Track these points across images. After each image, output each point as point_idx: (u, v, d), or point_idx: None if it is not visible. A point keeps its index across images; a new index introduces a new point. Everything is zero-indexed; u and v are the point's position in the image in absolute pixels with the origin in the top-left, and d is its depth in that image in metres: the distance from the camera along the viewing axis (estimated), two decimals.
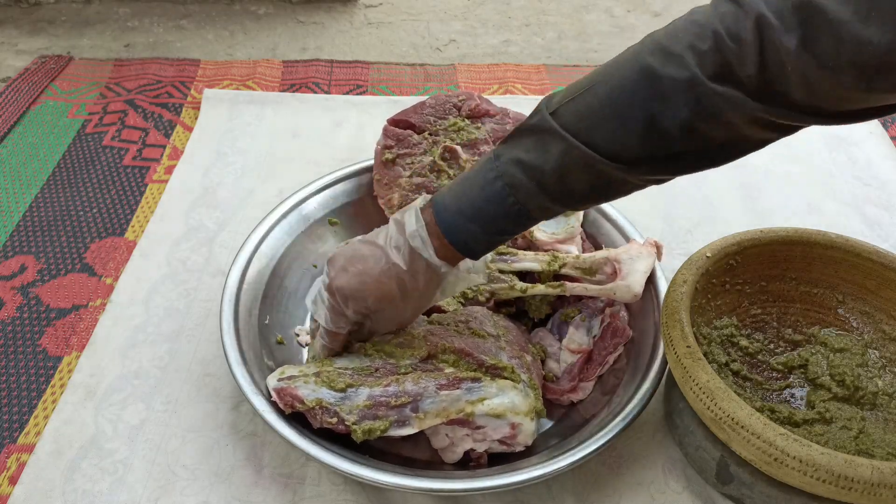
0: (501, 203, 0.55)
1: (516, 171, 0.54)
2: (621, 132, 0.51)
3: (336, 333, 0.63)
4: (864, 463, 0.51)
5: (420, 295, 0.61)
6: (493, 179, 0.54)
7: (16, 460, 0.65)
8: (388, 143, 0.81)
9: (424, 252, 0.57)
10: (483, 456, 0.63)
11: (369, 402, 0.59)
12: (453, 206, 0.56)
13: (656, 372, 0.65)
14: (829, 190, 0.99)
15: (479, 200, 0.55)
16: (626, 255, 0.72)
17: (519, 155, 0.54)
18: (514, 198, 0.54)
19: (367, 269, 0.59)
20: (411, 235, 0.57)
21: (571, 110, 0.52)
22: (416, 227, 0.57)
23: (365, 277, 0.59)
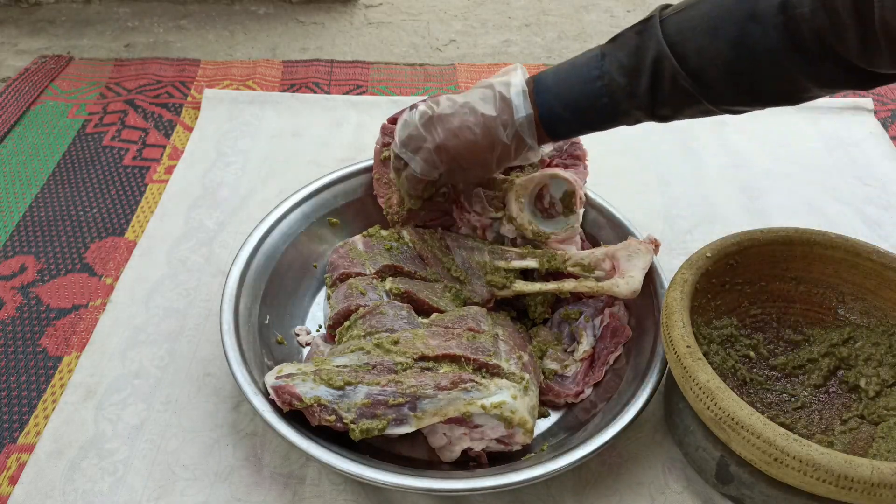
0: (597, 99, 0.62)
1: (616, 72, 0.60)
2: (711, 47, 0.56)
3: (420, 180, 0.70)
4: (864, 463, 0.51)
5: (507, 162, 0.69)
6: (594, 78, 0.62)
7: (16, 460, 0.65)
8: (386, 140, 0.81)
9: (528, 137, 0.65)
10: (483, 455, 0.63)
11: (367, 400, 0.59)
12: (553, 89, 0.64)
13: (656, 372, 0.65)
14: (829, 190, 0.99)
15: (578, 93, 0.63)
16: (625, 252, 0.72)
17: (621, 58, 0.60)
18: (608, 98, 0.62)
19: (476, 140, 0.66)
20: (519, 120, 0.65)
21: (676, 21, 0.58)
22: (526, 113, 0.64)
23: (471, 145, 0.66)
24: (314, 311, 0.78)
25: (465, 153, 0.67)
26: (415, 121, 0.68)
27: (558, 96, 0.63)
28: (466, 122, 0.66)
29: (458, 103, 0.67)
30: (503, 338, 0.67)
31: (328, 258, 0.78)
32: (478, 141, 0.66)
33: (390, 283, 0.72)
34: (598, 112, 0.63)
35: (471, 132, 0.66)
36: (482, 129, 0.65)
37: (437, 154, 0.67)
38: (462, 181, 0.74)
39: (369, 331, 0.67)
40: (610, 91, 0.61)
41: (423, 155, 0.68)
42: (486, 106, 0.66)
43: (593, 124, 0.65)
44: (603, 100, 0.62)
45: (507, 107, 0.65)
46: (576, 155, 0.80)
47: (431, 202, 0.79)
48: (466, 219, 0.80)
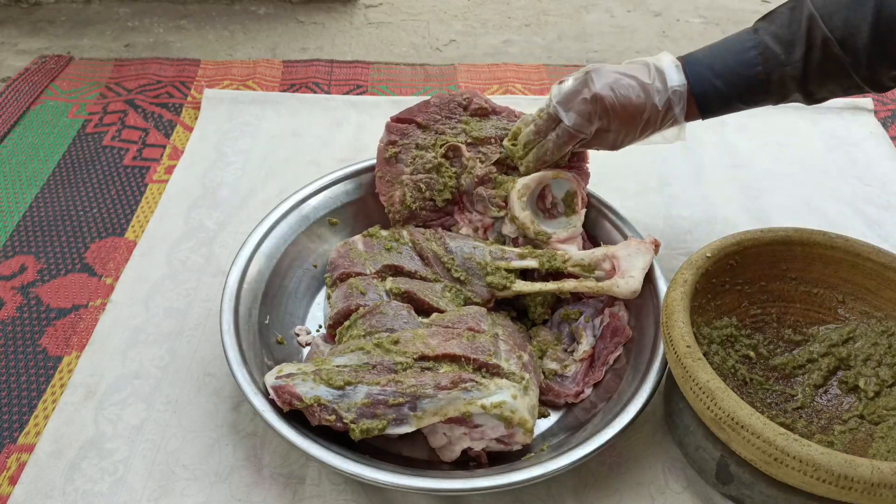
0: (750, 68, 0.66)
1: (770, 41, 0.65)
2: (856, 17, 0.60)
3: (573, 136, 0.71)
4: (863, 463, 0.51)
5: (651, 132, 0.72)
6: (748, 48, 0.66)
7: (16, 460, 0.65)
8: (391, 138, 0.81)
9: (677, 107, 0.68)
10: (483, 455, 0.63)
11: (367, 400, 0.59)
12: (705, 61, 0.68)
13: (656, 372, 0.65)
14: (829, 190, 0.99)
15: (731, 62, 0.66)
16: (625, 252, 0.72)
17: (775, 30, 0.65)
18: (762, 66, 0.65)
19: (631, 96, 0.68)
20: (672, 88, 0.68)
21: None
22: (679, 82, 0.68)
23: (626, 101, 0.68)
24: (314, 311, 0.78)
25: (619, 108, 0.68)
26: (571, 81, 0.71)
27: (711, 67, 0.67)
28: (623, 80, 0.69)
29: (613, 68, 0.70)
30: (503, 338, 0.67)
31: (328, 258, 0.79)
32: (632, 98, 0.68)
33: (390, 282, 0.72)
34: (750, 82, 0.66)
35: (627, 88, 0.68)
36: (637, 88, 0.68)
37: (593, 104, 0.69)
38: (602, 146, 0.74)
39: (369, 331, 0.67)
40: (764, 59, 0.65)
41: (577, 107, 0.70)
42: (641, 72, 0.69)
43: (745, 96, 0.68)
44: (757, 68, 0.65)
45: (660, 75, 0.68)
46: (578, 155, 0.80)
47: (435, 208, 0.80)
48: (468, 219, 0.80)
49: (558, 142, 0.73)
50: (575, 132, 0.71)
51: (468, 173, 0.79)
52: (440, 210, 0.80)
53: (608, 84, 0.69)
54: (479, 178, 0.79)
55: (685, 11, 1.44)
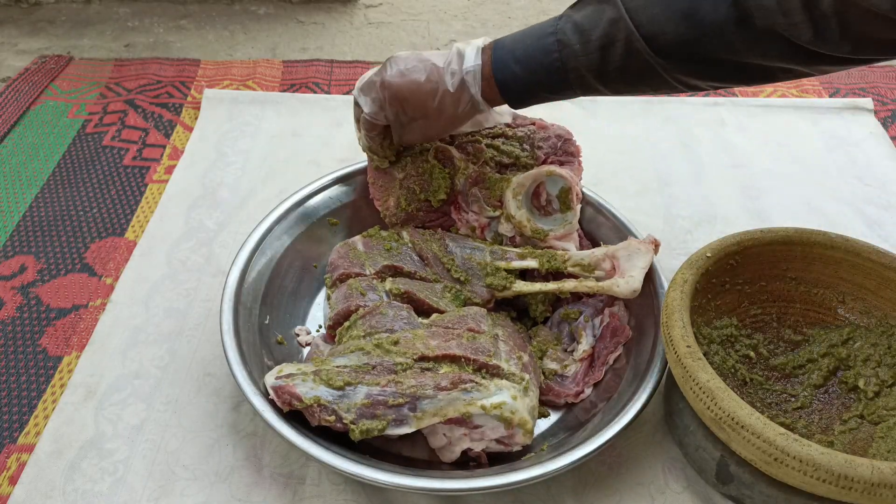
0: (547, 55, 0.62)
1: (569, 29, 0.61)
2: (664, 16, 0.57)
3: (373, 125, 0.71)
4: (864, 463, 0.51)
5: (453, 119, 0.69)
6: (548, 34, 0.62)
7: (16, 460, 0.65)
8: None
9: (472, 87, 0.65)
10: (483, 455, 0.63)
11: (367, 400, 0.59)
12: (508, 46, 0.65)
13: (656, 372, 0.65)
14: (829, 190, 0.99)
15: (531, 48, 0.63)
16: (625, 252, 0.72)
17: (576, 17, 0.61)
18: (558, 54, 0.62)
19: (420, 80, 0.66)
20: (466, 69, 0.65)
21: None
22: (474, 63, 0.65)
23: (414, 87, 0.66)
24: (314, 311, 0.78)
25: (408, 93, 0.67)
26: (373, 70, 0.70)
27: (512, 52, 0.64)
28: (414, 65, 0.67)
29: (414, 54, 0.69)
30: (503, 338, 0.67)
31: (328, 258, 0.79)
32: (421, 81, 0.66)
33: (390, 283, 0.72)
34: (549, 70, 0.63)
35: (415, 72, 0.67)
36: (427, 72, 0.67)
37: (383, 90, 0.68)
38: (411, 137, 0.73)
39: (369, 331, 0.67)
40: (561, 46, 0.62)
41: (371, 94, 0.69)
42: (439, 58, 0.67)
43: (546, 85, 0.65)
44: (553, 55, 0.62)
45: (458, 58, 0.66)
46: (570, 151, 0.80)
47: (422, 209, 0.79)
48: (464, 219, 0.80)
49: (365, 130, 0.73)
50: (372, 119, 0.71)
51: (461, 174, 0.79)
52: (437, 210, 0.80)
53: (399, 70, 0.67)
54: (473, 178, 0.79)
55: None
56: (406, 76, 0.67)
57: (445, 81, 0.66)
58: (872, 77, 1.21)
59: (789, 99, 1.16)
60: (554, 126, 0.82)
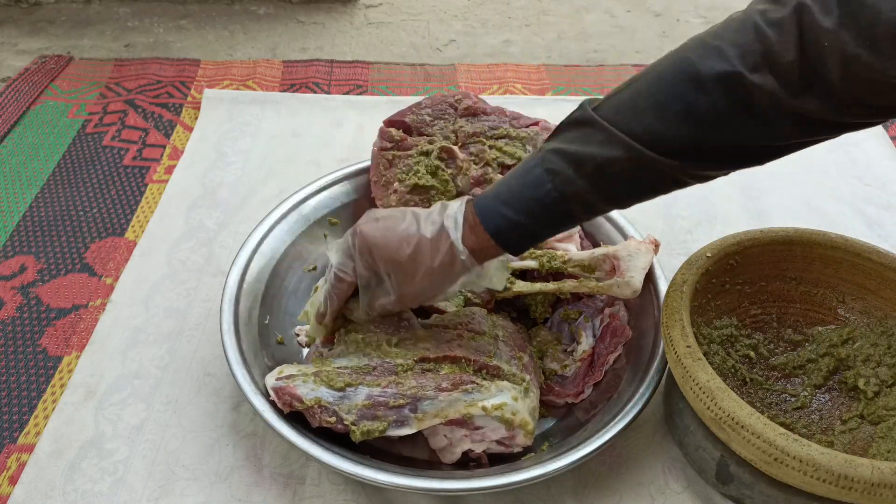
0: (540, 188, 0.54)
1: (557, 158, 0.54)
2: (659, 122, 0.52)
3: (341, 280, 0.62)
4: (864, 463, 0.51)
5: (431, 275, 0.59)
6: (532, 167, 0.55)
7: (16, 460, 0.65)
8: (384, 144, 0.81)
9: (453, 233, 0.57)
10: (483, 456, 0.63)
11: (368, 402, 0.59)
12: (491, 193, 0.57)
13: (656, 372, 0.65)
14: (829, 190, 0.99)
15: (518, 186, 0.55)
16: (625, 252, 0.72)
17: (560, 145, 0.54)
18: (552, 184, 0.54)
19: (394, 227, 0.59)
20: (447, 215, 0.58)
21: (612, 104, 0.53)
22: (456, 210, 0.58)
23: (388, 233, 0.58)
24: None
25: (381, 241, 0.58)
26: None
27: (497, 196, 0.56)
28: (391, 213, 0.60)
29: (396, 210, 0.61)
30: (503, 339, 0.67)
31: (327, 259, 0.78)
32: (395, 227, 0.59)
33: None
34: (542, 203, 0.55)
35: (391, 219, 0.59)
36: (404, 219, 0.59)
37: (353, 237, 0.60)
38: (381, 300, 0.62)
39: (369, 333, 0.67)
40: (552, 175, 0.54)
41: (341, 245, 0.61)
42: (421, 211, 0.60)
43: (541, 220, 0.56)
44: (546, 186, 0.54)
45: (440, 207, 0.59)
46: None
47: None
48: None
49: (331, 287, 0.63)
50: (340, 273, 0.61)
51: (464, 174, 0.79)
52: None
53: (374, 216, 0.60)
54: (475, 179, 0.79)
55: (685, 11, 1.44)
56: (380, 222, 0.59)
57: (422, 229, 0.58)
58: None
59: None
60: None
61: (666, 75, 0.52)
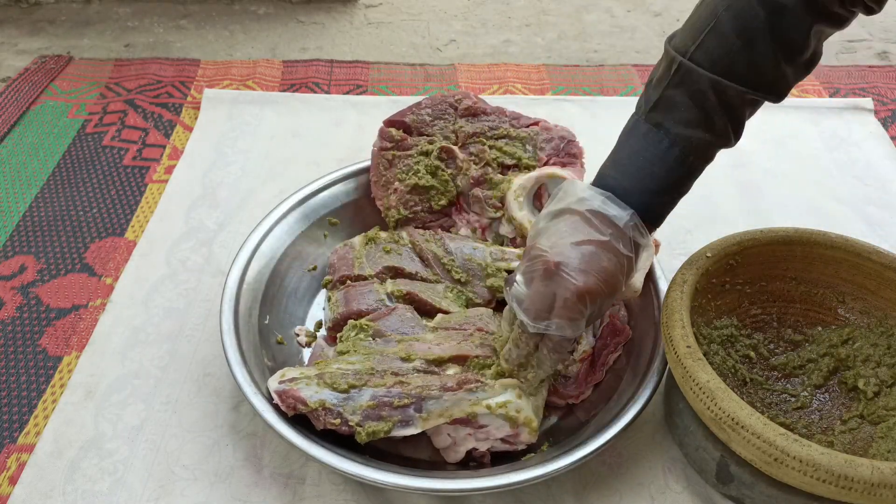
0: (682, 167, 0.58)
1: (688, 131, 0.57)
2: (758, 59, 0.55)
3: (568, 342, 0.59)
4: (864, 463, 0.51)
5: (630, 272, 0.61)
6: (667, 148, 0.58)
7: (16, 460, 0.65)
8: (384, 144, 0.81)
9: (643, 239, 0.59)
10: (486, 455, 0.63)
11: (373, 402, 0.59)
12: (638, 187, 0.59)
13: (656, 372, 0.65)
14: (829, 190, 0.99)
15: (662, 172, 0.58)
16: None
17: (683, 115, 0.57)
18: (692, 155, 0.58)
19: (605, 266, 0.57)
20: (627, 226, 0.58)
21: (706, 52, 0.56)
22: (627, 215, 0.58)
23: (606, 275, 0.57)
24: (314, 311, 0.78)
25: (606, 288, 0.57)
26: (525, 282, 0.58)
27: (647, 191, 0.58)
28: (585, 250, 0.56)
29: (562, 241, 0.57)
30: None
31: (328, 259, 0.78)
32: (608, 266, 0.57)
33: (391, 285, 0.72)
34: (688, 176, 0.60)
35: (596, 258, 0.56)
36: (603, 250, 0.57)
37: (581, 302, 0.56)
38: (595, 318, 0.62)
39: (377, 334, 0.67)
40: (692, 149, 0.58)
41: (561, 314, 0.56)
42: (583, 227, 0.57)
43: (686, 190, 0.62)
44: (689, 159, 0.58)
45: (603, 219, 0.57)
46: (572, 153, 0.80)
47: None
48: (465, 219, 0.80)
49: (555, 356, 0.60)
50: (576, 335, 0.58)
51: (463, 174, 0.79)
52: (438, 212, 0.81)
53: (580, 269, 0.56)
54: (475, 179, 0.79)
55: (685, 11, 1.44)
56: (592, 271, 0.56)
57: (623, 251, 0.57)
58: (872, 77, 1.21)
59: (789, 99, 1.15)
60: (557, 127, 0.82)
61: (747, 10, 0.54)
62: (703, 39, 0.56)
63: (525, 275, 0.58)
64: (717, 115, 0.57)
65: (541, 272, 0.56)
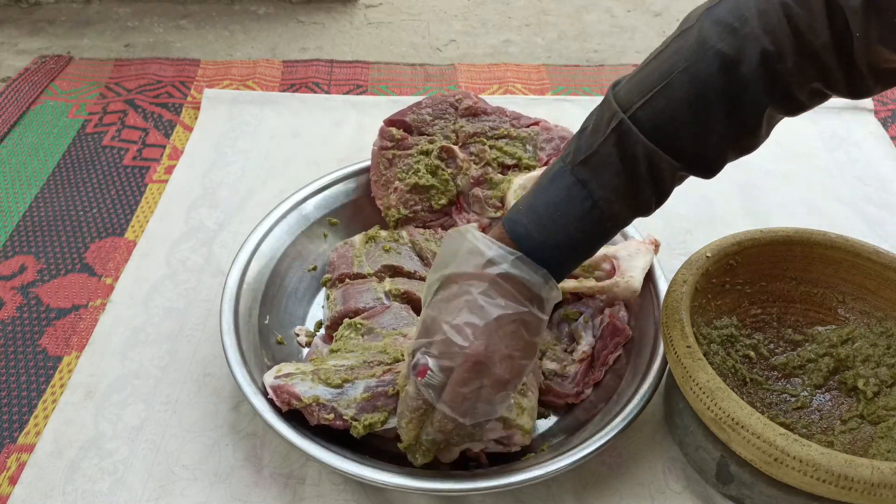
0: (598, 229, 0.54)
1: (613, 196, 0.52)
2: (704, 134, 0.51)
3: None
4: (864, 463, 0.51)
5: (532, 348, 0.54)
6: (588, 209, 0.52)
7: (16, 460, 0.65)
8: (384, 143, 0.81)
9: (553, 293, 0.53)
10: (482, 455, 0.63)
11: (367, 394, 0.59)
12: (548, 241, 0.53)
13: (656, 372, 0.65)
14: (829, 190, 0.99)
15: (576, 231, 0.53)
16: (625, 252, 0.72)
17: (612, 180, 0.52)
18: (611, 222, 0.54)
19: (528, 341, 0.52)
20: (542, 288, 0.52)
21: (651, 115, 0.51)
22: (540, 278, 0.52)
23: (531, 351, 0.53)
24: (314, 311, 0.78)
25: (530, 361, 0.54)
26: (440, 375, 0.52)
27: (557, 247, 0.53)
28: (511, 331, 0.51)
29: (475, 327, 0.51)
30: None
31: (327, 258, 0.78)
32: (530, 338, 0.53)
33: (389, 283, 0.72)
34: (600, 239, 0.55)
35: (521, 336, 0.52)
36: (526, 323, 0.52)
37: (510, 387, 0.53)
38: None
39: (368, 332, 0.67)
40: (612, 215, 0.53)
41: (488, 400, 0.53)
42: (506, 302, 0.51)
43: (593, 253, 0.57)
44: (607, 224, 0.54)
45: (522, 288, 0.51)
46: None
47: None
48: (465, 219, 0.80)
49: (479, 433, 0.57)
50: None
51: (464, 174, 0.79)
52: (438, 211, 0.81)
53: (505, 357, 0.51)
54: (475, 178, 0.79)
55: (685, 11, 1.44)
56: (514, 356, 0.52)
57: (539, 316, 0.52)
58: None
59: None
60: (557, 127, 0.82)
61: (703, 79, 0.49)
62: (650, 98, 0.50)
63: (439, 361, 0.51)
64: (644, 186, 0.52)
65: (462, 367, 0.51)
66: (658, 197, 0.55)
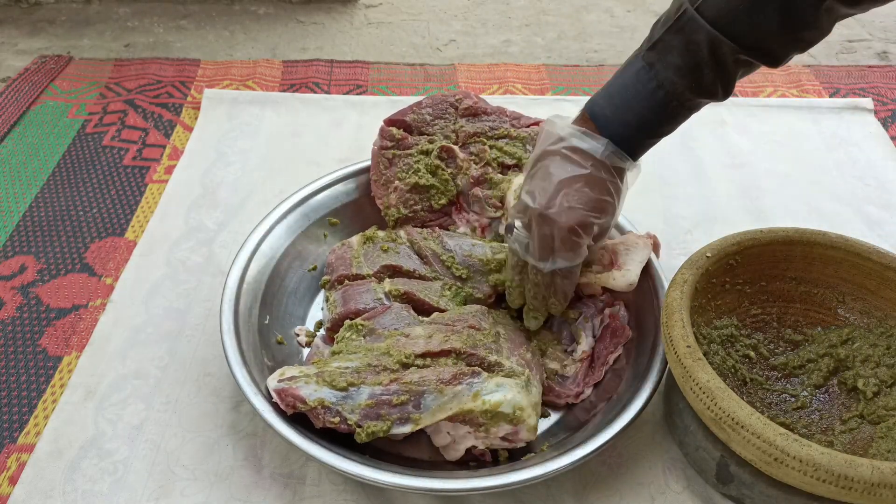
0: (663, 109, 0.61)
1: (676, 77, 0.59)
2: (763, 21, 0.56)
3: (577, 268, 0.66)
4: (864, 463, 0.51)
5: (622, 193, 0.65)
6: (652, 90, 0.60)
7: (16, 460, 0.65)
8: (384, 143, 0.81)
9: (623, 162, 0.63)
10: (487, 453, 0.63)
11: (371, 401, 0.59)
12: (618, 119, 0.62)
13: (656, 372, 0.65)
14: (829, 190, 0.99)
15: (644, 111, 0.61)
16: (623, 246, 0.72)
17: (673, 61, 0.59)
18: (676, 102, 0.60)
19: (591, 196, 0.62)
20: (604, 155, 0.62)
21: (713, 4, 0.57)
22: (601, 146, 0.62)
23: (593, 203, 0.62)
24: (314, 311, 0.78)
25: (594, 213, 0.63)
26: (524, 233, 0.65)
27: (626, 124, 0.62)
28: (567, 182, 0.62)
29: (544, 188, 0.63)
30: (504, 336, 0.67)
31: (326, 259, 0.78)
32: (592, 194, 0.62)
33: (389, 284, 0.72)
34: (668, 119, 0.62)
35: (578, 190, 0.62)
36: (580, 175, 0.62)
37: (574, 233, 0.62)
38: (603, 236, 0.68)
39: (370, 332, 0.67)
40: (676, 95, 0.60)
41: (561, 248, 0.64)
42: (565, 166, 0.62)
43: (665, 131, 0.64)
44: (672, 104, 0.61)
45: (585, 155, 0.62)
46: None
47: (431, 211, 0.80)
48: (465, 219, 0.80)
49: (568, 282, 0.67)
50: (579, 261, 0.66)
51: (463, 174, 0.79)
52: (438, 211, 0.81)
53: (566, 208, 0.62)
54: (475, 178, 0.79)
55: None
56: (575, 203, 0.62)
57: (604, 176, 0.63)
58: (872, 77, 1.21)
59: (789, 99, 1.16)
60: None
61: None
62: None
63: (522, 221, 0.65)
64: (706, 69, 0.58)
65: (534, 221, 0.63)
66: (723, 83, 0.60)
